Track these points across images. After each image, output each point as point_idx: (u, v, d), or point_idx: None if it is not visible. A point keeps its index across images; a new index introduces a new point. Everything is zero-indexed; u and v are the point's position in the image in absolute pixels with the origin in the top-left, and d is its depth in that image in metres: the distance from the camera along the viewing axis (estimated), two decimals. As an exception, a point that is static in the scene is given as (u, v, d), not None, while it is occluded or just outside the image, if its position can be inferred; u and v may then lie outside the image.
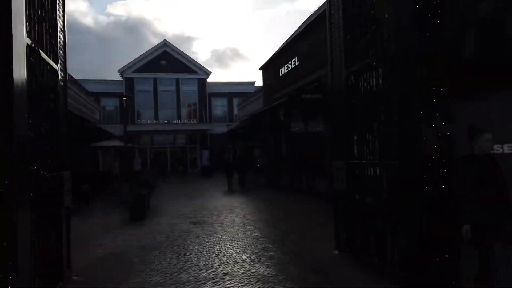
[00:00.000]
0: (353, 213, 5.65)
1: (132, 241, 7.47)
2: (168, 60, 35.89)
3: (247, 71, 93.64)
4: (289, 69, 14.70)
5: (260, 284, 4.79)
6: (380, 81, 4.91)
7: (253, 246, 6.80)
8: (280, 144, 17.47)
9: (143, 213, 10.17)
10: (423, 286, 4.09)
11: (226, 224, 9.01)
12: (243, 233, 7.91)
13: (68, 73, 5.61)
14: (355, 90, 5.55)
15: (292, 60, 14.23)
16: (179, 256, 6.26)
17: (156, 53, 35.85)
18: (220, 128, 34.75)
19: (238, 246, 6.86)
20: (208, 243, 7.12)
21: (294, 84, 14.48)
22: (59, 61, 5.05)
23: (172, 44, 36.25)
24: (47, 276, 4.30)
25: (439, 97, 4.05)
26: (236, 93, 36.26)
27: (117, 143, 17.29)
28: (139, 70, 35.39)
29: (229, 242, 7.15)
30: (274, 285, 4.74)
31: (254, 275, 5.17)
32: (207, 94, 36.99)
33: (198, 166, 34.21)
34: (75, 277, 5.23)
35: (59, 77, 5.02)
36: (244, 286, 4.76)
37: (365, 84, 5.27)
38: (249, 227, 8.60)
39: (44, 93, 4.39)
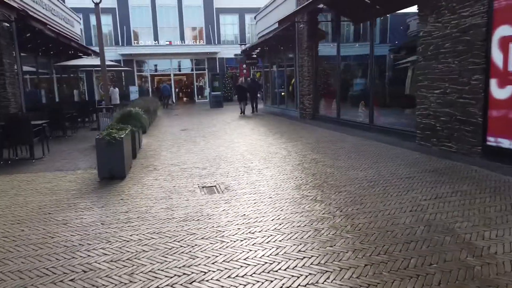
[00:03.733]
0: None
1: (80, 236, 3.36)
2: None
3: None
4: None
5: None
6: None
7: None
8: (324, 64, 12.73)
9: (121, 169, 6.02)
10: None
11: (263, 194, 4.82)
12: (302, 220, 3.73)
13: None
14: None
15: None
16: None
17: (152, -44, 29.31)
18: (231, 50, 29.45)
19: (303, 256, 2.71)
20: (232, 240, 2.98)
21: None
22: None
23: None
24: None
25: None
26: (250, 8, 30.08)
27: (96, 61, 12.61)
28: (132, -21, 29.22)
29: (281, 243, 2.99)
30: None
31: None
32: (214, 10, 31.01)
33: (206, 95, 29.62)
34: None
35: None
36: None
37: None
38: (316, 204, 4.41)
39: None
